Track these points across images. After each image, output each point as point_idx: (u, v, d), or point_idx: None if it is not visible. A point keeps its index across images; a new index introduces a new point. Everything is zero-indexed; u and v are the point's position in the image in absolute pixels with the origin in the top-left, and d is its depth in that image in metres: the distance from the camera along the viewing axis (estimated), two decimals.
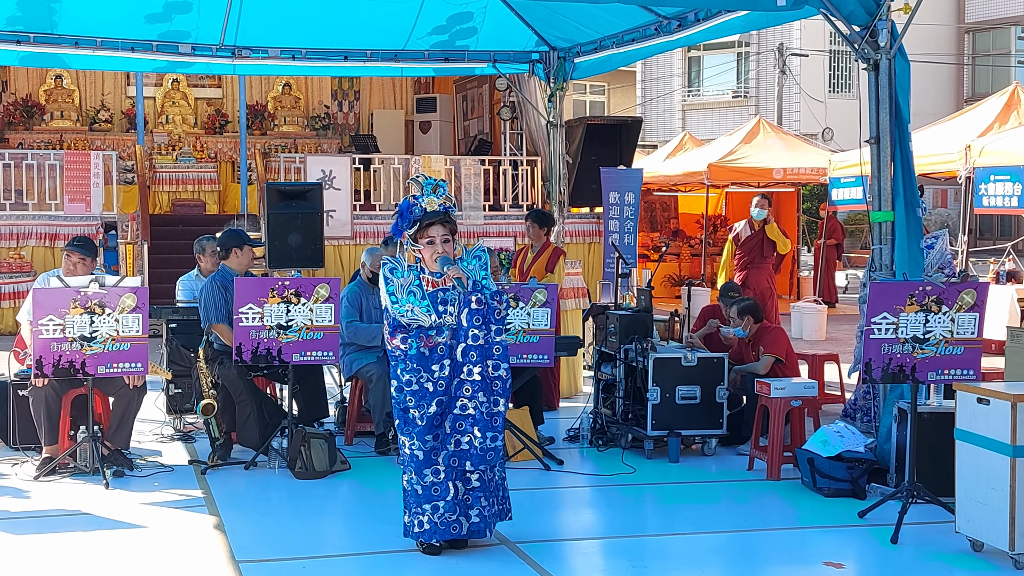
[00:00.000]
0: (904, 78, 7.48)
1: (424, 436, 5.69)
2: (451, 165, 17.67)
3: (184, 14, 10.95)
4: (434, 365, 5.62)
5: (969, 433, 5.92)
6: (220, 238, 8.38)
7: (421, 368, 5.63)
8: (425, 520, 5.73)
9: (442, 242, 5.60)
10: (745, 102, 34.40)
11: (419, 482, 5.72)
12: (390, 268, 5.57)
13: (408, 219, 5.58)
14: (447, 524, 5.73)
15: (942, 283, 6.51)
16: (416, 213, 5.56)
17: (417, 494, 5.73)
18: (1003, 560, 5.79)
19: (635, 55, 11.39)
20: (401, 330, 5.58)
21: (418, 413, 5.68)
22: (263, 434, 7.83)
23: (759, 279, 12.61)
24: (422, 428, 5.68)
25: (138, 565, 5.77)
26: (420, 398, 5.66)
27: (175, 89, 20.77)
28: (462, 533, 5.77)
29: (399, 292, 5.56)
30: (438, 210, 5.59)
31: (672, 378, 8.17)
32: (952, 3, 36.85)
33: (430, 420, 5.67)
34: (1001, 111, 14.18)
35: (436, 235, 5.59)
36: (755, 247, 12.75)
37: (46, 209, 16.09)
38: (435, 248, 5.58)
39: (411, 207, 5.57)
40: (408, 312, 5.58)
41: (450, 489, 5.71)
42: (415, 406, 5.68)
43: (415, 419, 5.68)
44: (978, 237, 34.16)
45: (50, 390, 7.58)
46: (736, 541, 6.40)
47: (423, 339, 5.57)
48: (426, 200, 5.56)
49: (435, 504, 5.70)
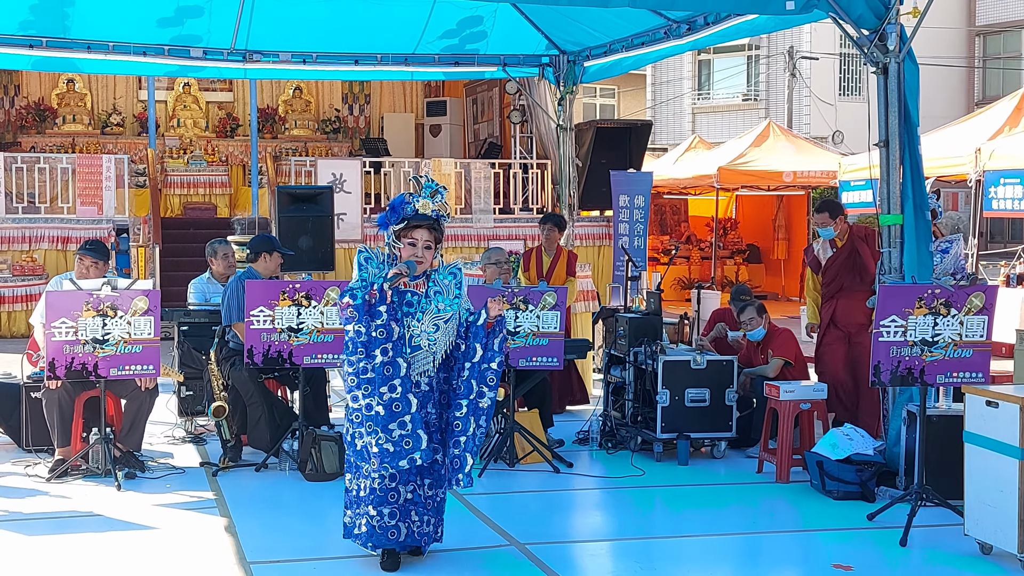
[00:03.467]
0: (913, 82, 7.49)
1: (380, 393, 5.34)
2: (461, 168, 17.71)
3: (196, 18, 11.00)
4: (375, 350, 5.34)
5: (978, 436, 5.93)
6: (251, 242, 8.44)
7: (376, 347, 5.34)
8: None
9: (423, 248, 5.44)
10: (755, 105, 34.40)
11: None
12: (365, 257, 5.43)
13: (398, 214, 5.41)
14: (386, 529, 5.57)
15: (951, 286, 6.52)
16: (407, 211, 5.40)
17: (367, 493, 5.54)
18: (1012, 563, 5.79)
19: (645, 59, 11.41)
20: (348, 293, 5.37)
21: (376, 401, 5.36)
22: (274, 436, 7.86)
23: (850, 312, 8.63)
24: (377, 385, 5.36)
25: (149, 566, 5.81)
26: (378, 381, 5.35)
27: (186, 93, 20.84)
28: (400, 539, 5.61)
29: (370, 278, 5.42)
30: (429, 215, 5.42)
31: (681, 381, 8.18)
32: (963, 6, 36.80)
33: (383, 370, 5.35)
34: (1012, 114, 14.16)
35: (419, 238, 5.43)
36: (841, 270, 8.74)
37: (58, 212, 16.17)
38: (414, 251, 5.42)
39: (404, 204, 5.41)
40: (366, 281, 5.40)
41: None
42: (369, 395, 5.37)
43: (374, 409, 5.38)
44: (989, 240, 34.10)
45: (63, 392, 7.63)
46: (745, 544, 6.42)
47: (364, 289, 5.36)
48: (420, 202, 5.41)
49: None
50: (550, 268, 10.28)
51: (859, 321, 8.47)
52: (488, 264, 9.18)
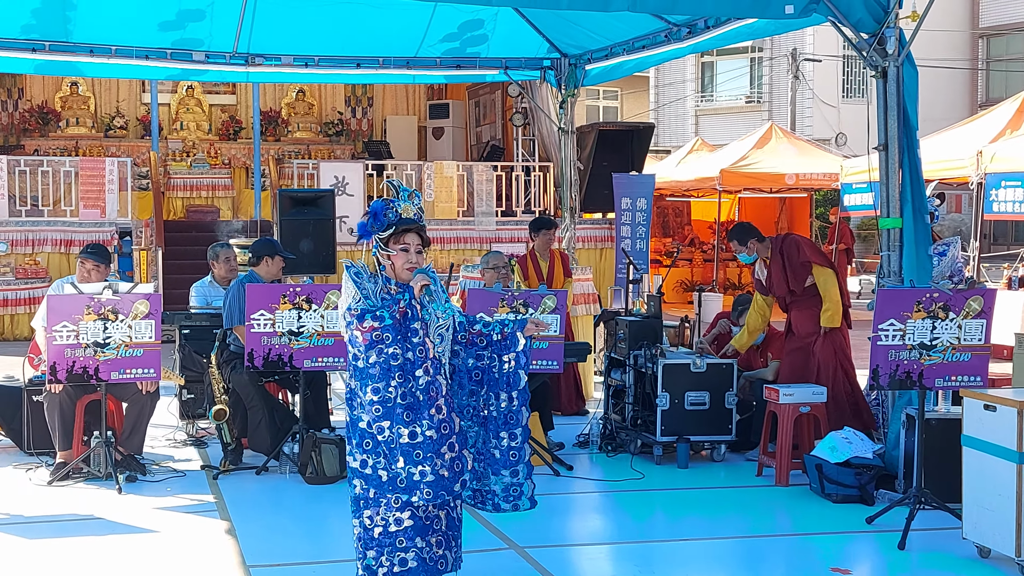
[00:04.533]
0: (912, 85, 7.50)
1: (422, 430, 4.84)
2: (463, 171, 17.74)
3: (197, 22, 11.03)
4: (418, 371, 4.88)
5: (976, 439, 5.94)
6: (253, 245, 8.48)
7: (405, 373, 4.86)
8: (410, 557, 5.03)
9: (416, 252, 5.07)
10: (758, 107, 34.41)
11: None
12: (356, 272, 4.99)
13: (382, 221, 5.03)
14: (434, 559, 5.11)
15: (949, 290, 6.53)
16: (391, 217, 5.04)
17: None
18: (1010, 566, 5.80)
19: (646, 62, 11.43)
20: (369, 314, 4.86)
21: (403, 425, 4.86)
22: (274, 439, 7.89)
23: (801, 322, 8.47)
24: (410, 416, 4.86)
25: (150, 569, 5.83)
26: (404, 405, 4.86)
27: (190, 96, 20.88)
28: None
29: (373, 297, 4.96)
30: (414, 218, 5.08)
31: (681, 384, 8.20)
32: (966, 8, 36.78)
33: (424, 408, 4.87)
34: (1013, 117, 14.15)
35: (412, 243, 5.05)
36: (777, 286, 8.56)
37: (61, 215, 16.21)
38: (408, 256, 5.03)
39: (386, 209, 5.05)
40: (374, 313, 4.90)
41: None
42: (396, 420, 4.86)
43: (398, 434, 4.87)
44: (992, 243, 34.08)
45: (64, 396, 7.66)
46: (743, 547, 6.42)
47: (392, 307, 4.89)
48: (402, 206, 5.07)
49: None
50: (549, 272, 10.29)
51: (810, 330, 8.28)
52: (486, 269, 9.20)
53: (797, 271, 8.29)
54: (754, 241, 8.43)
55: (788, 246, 8.33)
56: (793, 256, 8.26)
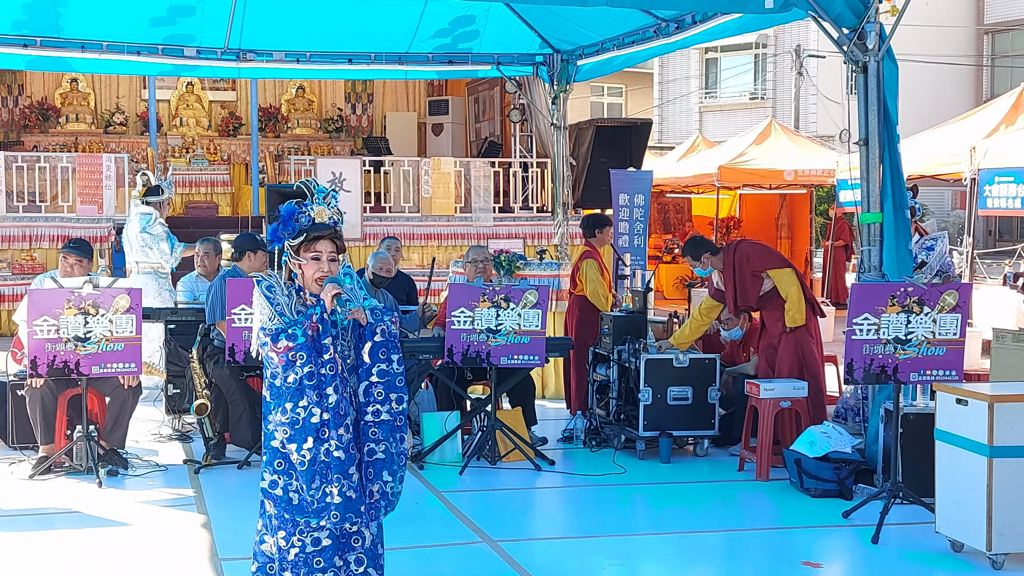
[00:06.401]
0: (892, 81, 7.49)
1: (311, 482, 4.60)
2: (461, 167, 17.73)
3: (188, 18, 11.03)
4: (328, 388, 4.60)
5: (948, 433, 5.94)
6: (235, 240, 8.49)
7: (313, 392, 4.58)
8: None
9: (328, 260, 4.66)
10: (762, 104, 34.35)
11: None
12: (267, 286, 4.67)
13: (292, 227, 4.64)
14: None
15: (924, 284, 6.52)
16: (302, 222, 4.64)
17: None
18: (981, 560, 5.79)
19: (635, 57, 11.40)
20: (283, 334, 4.55)
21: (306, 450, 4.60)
22: (256, 434, 7.88)
23: (770, 323, 8.44)
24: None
25: (120, 562, 5.85)
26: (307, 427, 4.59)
27: (190, 92, 20.89)
28: None
29: (288, 311, 4.64)
30: (328, 223, 4.67)
31: (664, 379, 8.20)
32: (971, 4, 36.69)
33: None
34: (1008, 112, 14.06)
35: (323, 251, 4.64)
36: (735, 295, 8.49)
37: (59, 211, 16.22)
38: (319, 266, 4.64)
39: (297, 213, 4.65)
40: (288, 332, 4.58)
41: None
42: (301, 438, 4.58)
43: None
44: (997, 239, 34.02)
45: (46, 390, 7.68)
46: (719, 541, 6.43)
47: (305, 323, 4.58)
48: (316, 209, 4.67)
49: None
50: (601, 269, 10.16)
51: (780, 330, 8.19)
52: (467, 263, 9.20)
53: (747, 284, 8.21)
54: (707, 255, 8.42)
55: (739, 258, 8.24)
56: (744, 268, 8.19)
